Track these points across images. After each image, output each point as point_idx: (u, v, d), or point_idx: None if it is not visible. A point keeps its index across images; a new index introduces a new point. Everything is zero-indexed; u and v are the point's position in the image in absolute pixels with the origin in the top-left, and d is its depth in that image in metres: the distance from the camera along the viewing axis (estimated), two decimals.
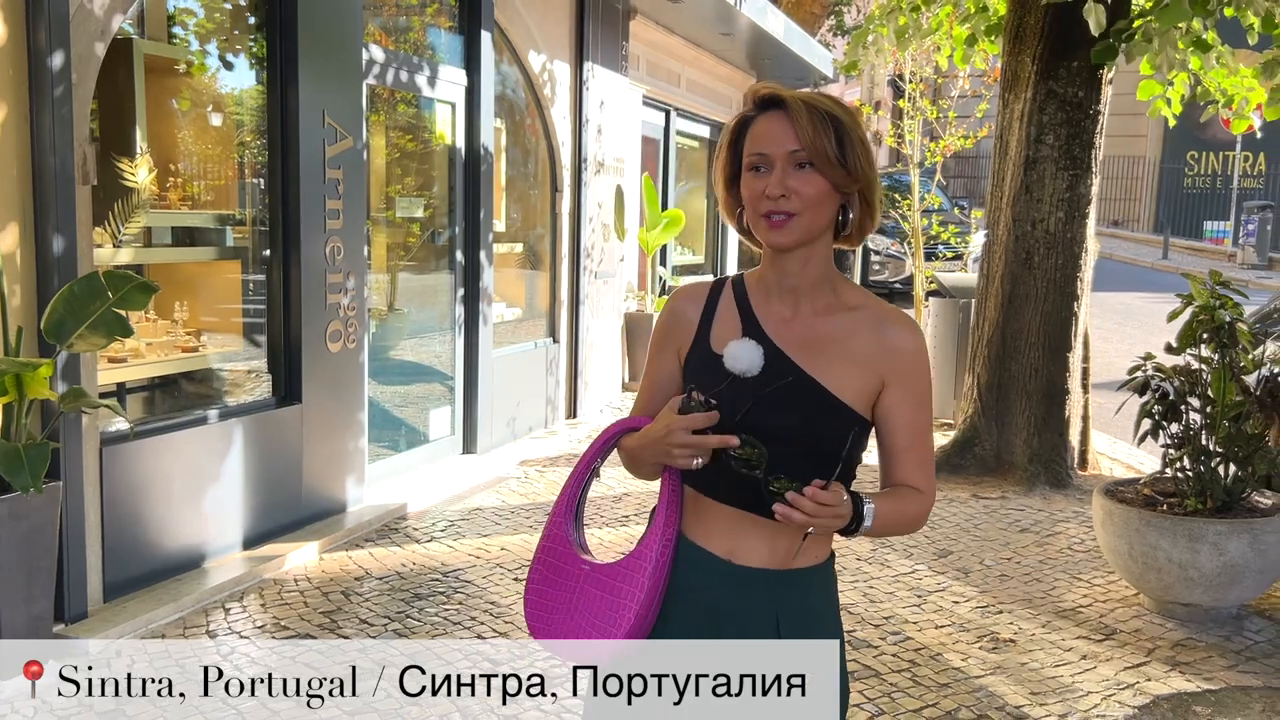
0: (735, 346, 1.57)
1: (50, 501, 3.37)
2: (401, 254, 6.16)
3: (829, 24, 19.00)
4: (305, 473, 4.88)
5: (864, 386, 1.59)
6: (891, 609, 4.26)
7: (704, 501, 1.63)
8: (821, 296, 1.63)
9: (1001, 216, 6.26)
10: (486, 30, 6.21)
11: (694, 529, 1.64)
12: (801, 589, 1.63)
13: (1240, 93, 6.53)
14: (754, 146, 1.57)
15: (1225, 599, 4.09)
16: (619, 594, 1.61)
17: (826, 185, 1.55)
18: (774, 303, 1.63)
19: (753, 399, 1.56)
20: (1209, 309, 4.10)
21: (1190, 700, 3.55)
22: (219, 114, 4.88)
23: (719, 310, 1.66)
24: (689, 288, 1.72)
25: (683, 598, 1.62)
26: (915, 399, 1.62)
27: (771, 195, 1.54)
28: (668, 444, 1.54)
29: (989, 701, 3.49)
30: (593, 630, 1.61)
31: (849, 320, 1.62)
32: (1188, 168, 22.65)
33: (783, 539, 1.59)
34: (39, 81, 3.54)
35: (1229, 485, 4.16)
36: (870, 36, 7.45)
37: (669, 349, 1.70)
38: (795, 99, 1.57)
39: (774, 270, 1.63)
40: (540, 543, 1.70)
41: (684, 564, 1.63)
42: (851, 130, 1.55)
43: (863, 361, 1.59)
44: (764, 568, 1.61)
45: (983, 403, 6.24)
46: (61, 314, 3.36)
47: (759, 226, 1.58)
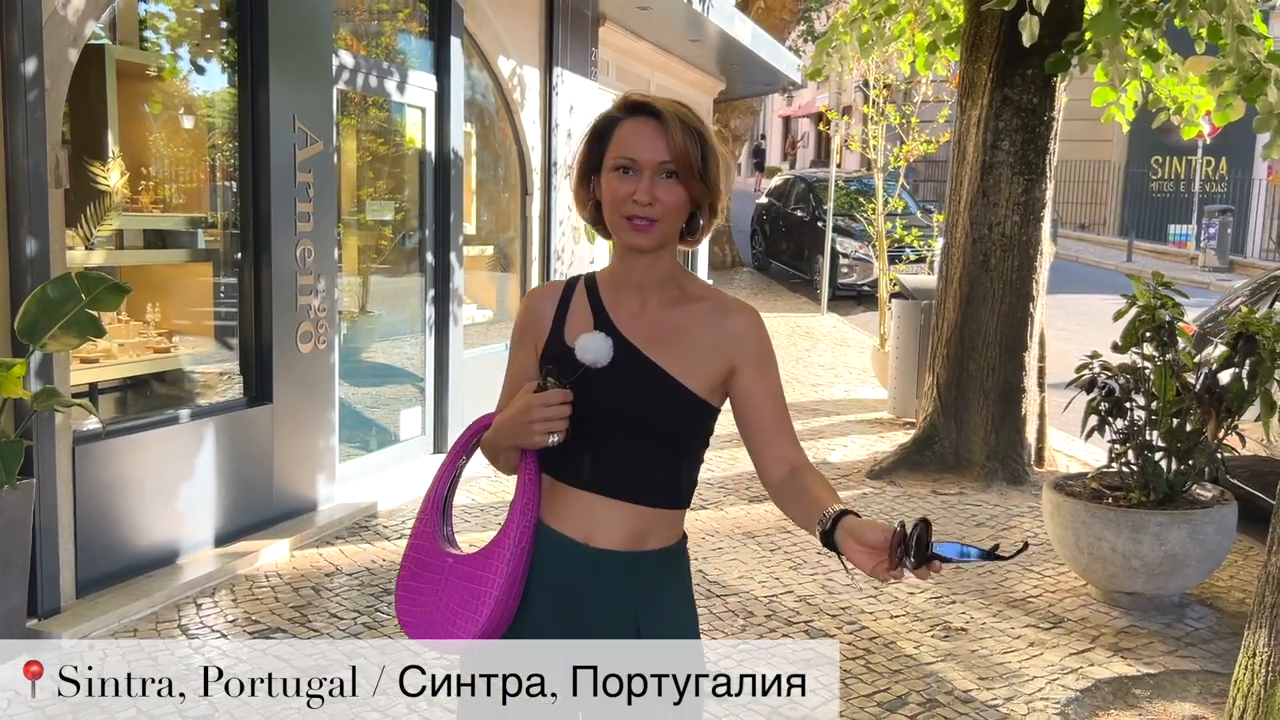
0: (586, 339, 1.65)
1: (24, 498, 3.44)
2: (372, 256, 6.24)
3: (799, 30, 19.22)
4: (276, 472, 4.95)
5: (710, 373, 1.68)
6: (849, 600, 4.40)
7: (560, 487, 1.70)
8: (668, 291, 1.72)
9: (959, 220, 6.42)
10: (456, 36, 6.31)
11: (552, 514, 1.71)
12: (654, 569, 1.71)
13: (1190, 100, 6.73)
14: (623, 149, 1.65)
15: (1167, 587, 4.26)
16: (481, 582, 1.67)
17: (686, 196, 1.65)
18: (623, 298, 1.72)
19: (609, 386, 1.64)
20: (1150, 309, 4.27)
21: (1130, 683, 3.70)
22: (190, 118, 4.95)
23: (572, 306, 1.74)
24: (543, 287, 1.82)
25: (543, 579, 1.69)
26: (767, 376, 1.71)
27: (640, 201, 1.62)
28: (526, 420, 1.60)
29: (938, 686, 3.63)
30: (457, 619, 1.68)
31: (693, 311, 1.71)
32: (1152, 172, 23.01)
33: (637, 520, 1.68)
34: (12, 87, 3.61)
35: (1171, 479, 4.32)
36: (834, 43, 7.62)
37: (526, 345, 1.78)
38: (669, 111, 1.65)
39: (625, 268, 1.72)
40: (409, 541, 1.78)
41: (543, 548, 1.70)
42: (713, 146, 1.66)
43: (708, 349, 1.68)
44: (618, 549, 1.68)
45: (942, 401, 6.40)
46: (35, 314, 3.44)
47: (620, 226, 1.66)
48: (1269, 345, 4.08)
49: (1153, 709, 3.53)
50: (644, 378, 1.66)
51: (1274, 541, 3.02)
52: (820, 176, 15.92)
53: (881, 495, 5.98)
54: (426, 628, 1.71)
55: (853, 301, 14.07)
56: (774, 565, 4.80)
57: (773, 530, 5.30)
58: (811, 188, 15.93)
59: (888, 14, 7.29)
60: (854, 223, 13.16)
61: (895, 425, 7.64)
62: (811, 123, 29.94)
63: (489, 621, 1.65)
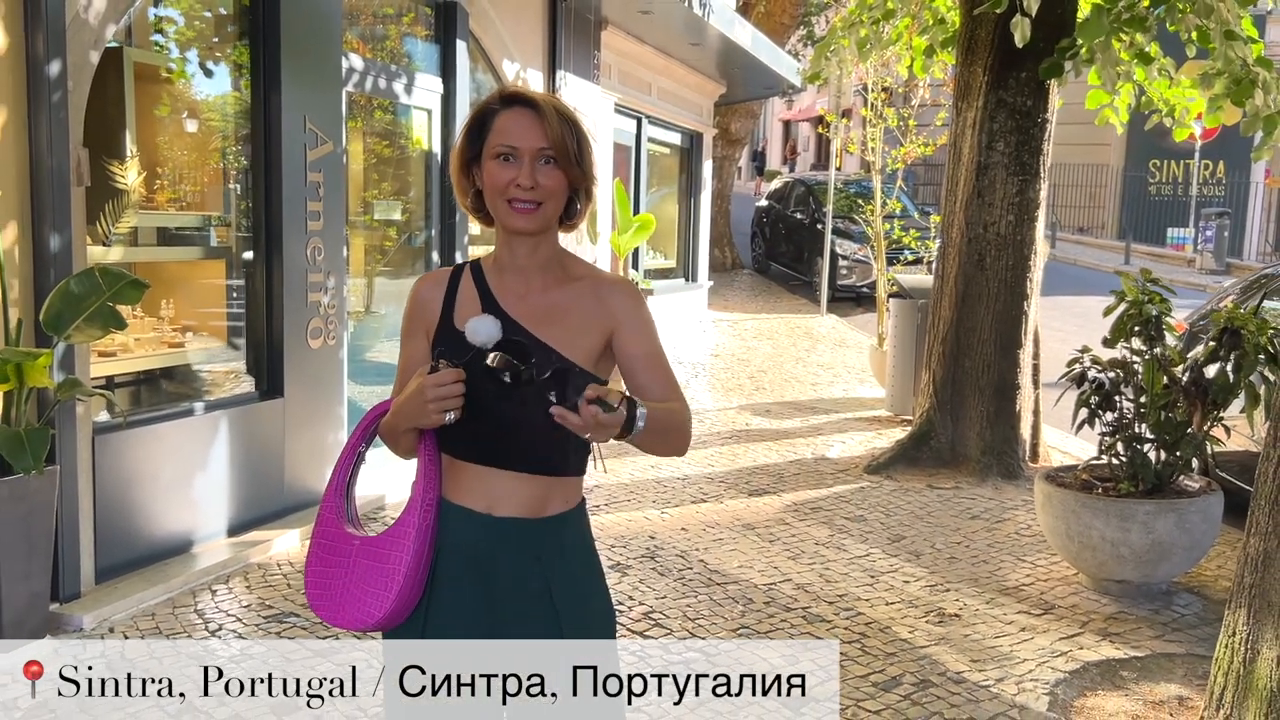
0: (475, 322, 1.72)
1: (49, 484, 3.56)
2: (379, 256, 6.37)
3: (799, 33, 19.36)
4: (287, 463, 5.08)
5: (592, 345, 1.77)
6: (846, 588, 4.52)
7: (460, 464, 1.78)
8: (551, 272, 1.81)
9: (955, 220, 6.55)
10: (461, 39, 6.44)
11: (453, 490, 1.78)
12: (556, 532, 1.79)
13: (1181, 103, 6.86)
14: (502, 139, 1.73)
15: (1155, 575, 4.37)
16: (388, 560, 1.73)
17: (564, 180, 1.75)
18: (509, 281, 1.80)
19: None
20: (1138, 304, 4.39)
21: (1118, 666, 3.82)
22: (204, 119, 5.08)
23: (460, 292, 1.81)
24: (430, 275, 1.89)
25: (450, 553, 1.76)
26: (642, 335, 1.79)
27: (523, 185, 1.72)
28: (422, 401, 1.66)
29: (931, 668, 3.75)
30: (368, 597, 1.73)
31: (574, 290, 1.80)
32: (1150, 176, 23.14)
33: (535, 487, 1.77)
34: (37, 88, 3.74)
35: (1159, 469, 4.44)
36: (833, 47, 7.75)
37: (418, 332, 1.84)
38: (545, 102, 1.75)
39: (508, 252, 1.80)
40: (315, 527, 1.84)
41: (448, 523, 1.77)
42: (584, 133, 1.77)
43: (589, 323, 1.78)
44: (520, 516, 1.76)
45: (938, 398, 6.52)
46: (59, 307, 3.57)
47: (503, 211, 1.75)
48: (1252, 339, 4.21)
49: (1139, 690, 3.64)
50: (531, 353, 1.72)
51: (1252, 525, 3.14)
52: (819, 179, 16.04)
53: (879, 490, 6.10)
54: (336, 610, 1.77)
55: (852, 303, 14.19)
56: (772, 555, 4.92)
57: (771, 523, 5.42)
58: (811, 190, 16.05)
59: (885, 18, 7.42)
60: (853, 225, 13.28)
61: (893, 422, 7.77)
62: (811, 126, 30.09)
63: (399, 599, 1.72)
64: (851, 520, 5.50)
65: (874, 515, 5.60)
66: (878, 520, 5.51)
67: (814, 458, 6.84)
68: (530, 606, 1.77)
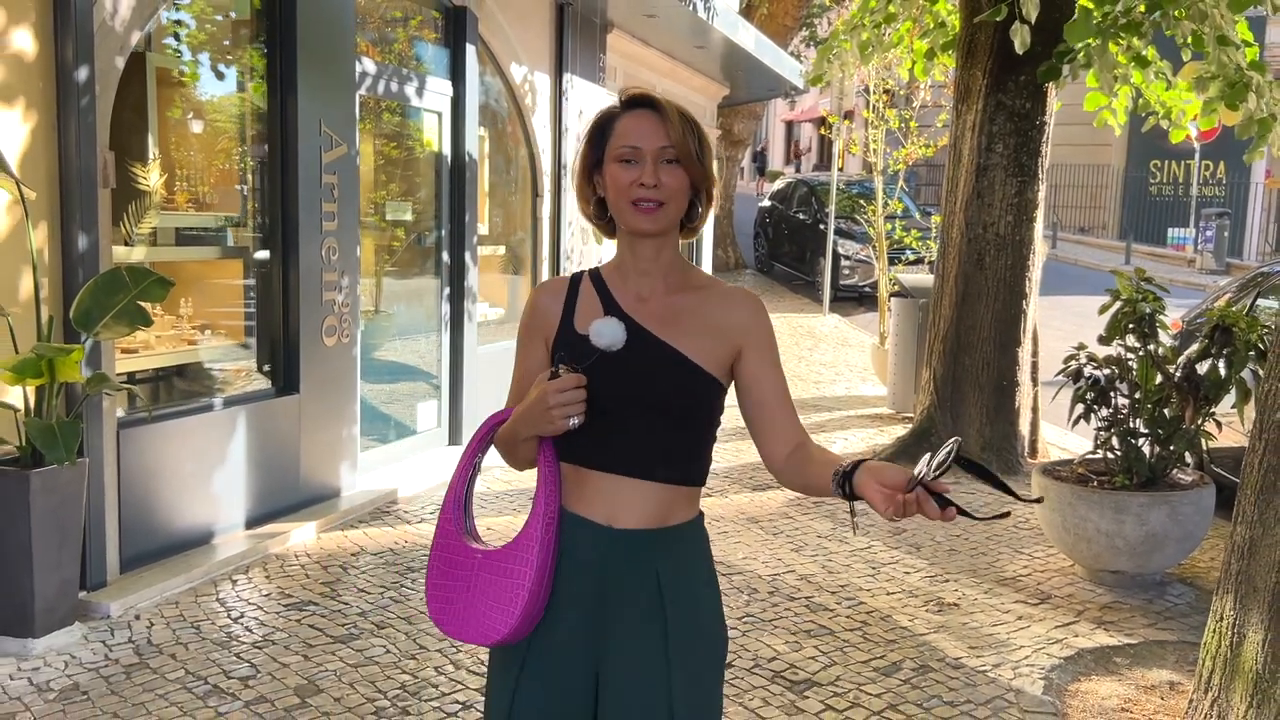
0: (599, 324, 1.71)
1: (78, 476, 3.69)
2: (390, 256, 6.49)
3: (802, 35, 19.49)
4: (303, 458, 5.20)
5: (717, 352, 1.75)
6: (848, 578, 4.64)
7: (582, 473, 1.74)
8: (673, 278, 1.79)
9: (955, 220, 6.67)
10: (471, 43, 6.57)
11: (574, 501, 1.75)
12: (676, 544, 1.77)
13: (1178, 105, 6.98)
14: (624, 140, 1.73)
15: (1149, 566, 4.49)
16: (511, 575, 1.71)
17: (687, 180, 1.74)
18: (631, 285, 1.78)
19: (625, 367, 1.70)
20: (1133, 302, 4.51)
21: (1111, 652, 3.94)
22: (222, 123, 5.20)
23: (580, 299, 1.80)
24: (548, 283, 1.86)
25: (571, 566, 1.73)
26: (771, 359, 1.79)
27: (646, 184, 1.71)
28: (544, 407, 1.64)
29: (931, 654, 3.87)
30: (491, 610, 1.71)
31: (698, 297, 1.79)
32: (1151, 176, 23.24)
33: (657, 498, 1.74)
34: (66, 93, 3.87)
35: (1153, 463, 4.56)
36: (835, 50, 7.87)
37: (535, 341, 1.82)
38: (666, 103, 1.74)
39: (631, 257, 1.79)
40: (434, 539, 1.82)
41: (569, 535, 1.73)
42: (705, 135, 1.78)
43: (716, 332, 1.75)
44: (642, 528, 1.73)
45: (939, 395, 6.65)
46: (88, 305, 3.69)
47: (626, 213, 1.74)
48: (1243, 336, 4.33)
49: (1132, 675, 3.76)
50: (658, 358, 1.72)
51: (1239, 514, 3.26)
52: (822, 180, 16.16)
53: None
54: (461, 626, 1.75)
55: (854, 302, 14.31)
56: (776, 548, 5.04)
57: (775, 516, 5.54)
58: (813, 191, 16.18)
59: (887, 22, 7.54)
60: (855, 225, 13.40)
61: (894, 420, 7.89)
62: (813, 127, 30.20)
63: (524, 614, 1.70)
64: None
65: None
66: (878, 514, 5.62)
67: None
68: (641, 622, 1.73)
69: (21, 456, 3.62)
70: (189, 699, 3.35)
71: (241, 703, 3.34)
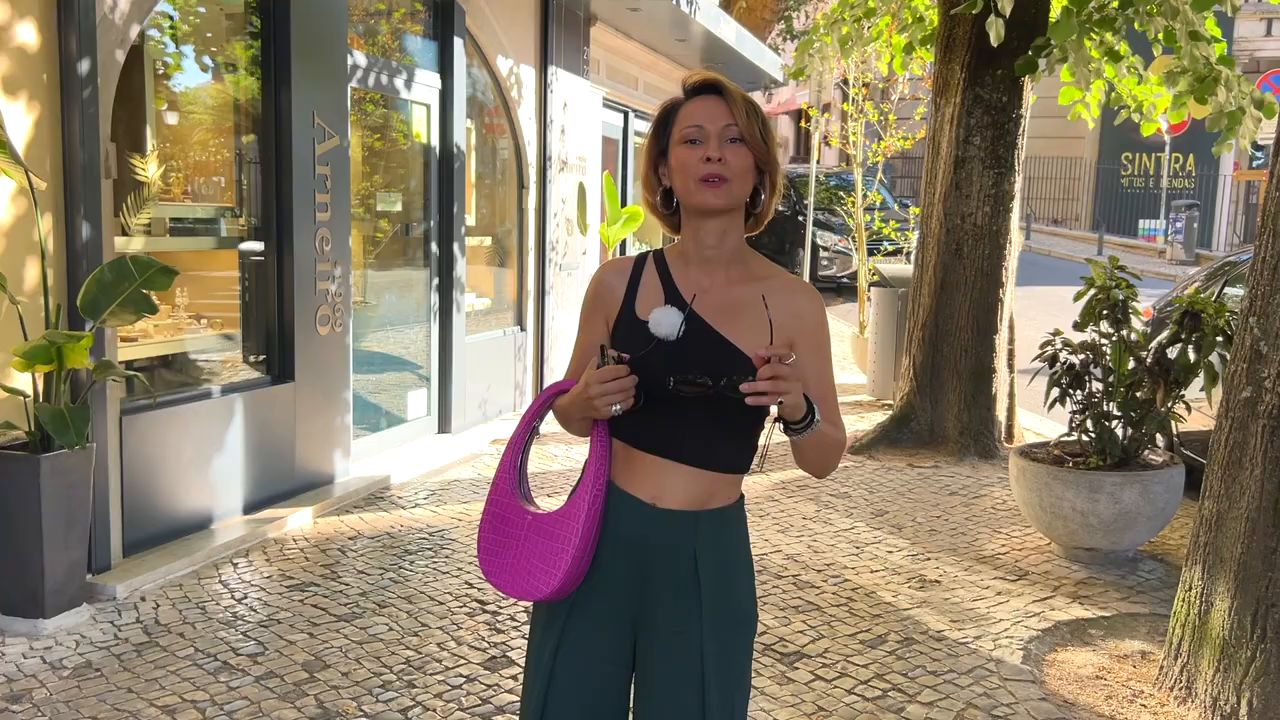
0: (659, 313, 1.74)
1: (86, 460, 3.78)
2: (380, 246, 6.58)
3: (779, 29, 19.61)
4: (298, 445, 5.30)
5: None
6: (833, 558, 4.79)
7: (632, 453, 1.80)
8: (735, 268, 1.82)
9: (934, 211, 6.83)
10: (459, 36, 6.66)
11: (622, 477, 1.81)
12: (716, 526, 1.82)
13: (1149, 99, 7.17)
14: (690, 121, 1.78)
15: (1122, 543, 4.67)
16: (557, 538, 1.79)
17: (752, 160, 1.78)
18: (693, 273, 1.82)
19: (678, 358, 1.74)
20: (1106, 289, 4.68)
21: (1086, 624, 4.11)
22: (218, 115, 5.28)
23: (643, 281, 1.84)
24: (614, 262, 1.90)
25: (614, 538, 1.81)
26: (821, 355, 1.83)
27: (712, 158, 1.75)
28: (588, 396, 1.70)
29: (914, 627, 4.02)
30: (537, 569, 1.80)
31: (759, 289, 1.80)
32: (1123, 168, 23.59)
33: (702, 483, 1.80)
34: (69, 86, 3.94)
35: (1125, 444, 4.73)
36: (815, 44, 8.02)
37: (598, 317, 1.87)
38: (730, 86, 1.80)
39: (694, 243, 1.82)
40: (490, 494, 1.89)
41: (614, 508, 1.80)
42: (768, 121, 1.82)
43: (773, 324, 1.77)
44: (684, 509, 1.79)
45: (918, 382, 6.81)
46: (95, 293, 3.77)
47: (693, 191, 1.77)
48: (1211, 322, 4.50)
49: (1105, 645, 3.93)
50: (713, 350, 1.74)
51: (1206, 489, 3.43)
52: (801, 172, 16.31)
53: (862, 469, 6.38)
54: (508, 580, 1.83)
55: (833, 293, 14.49)
56: (763, 529, 5.18)
57: (761, 499, 5.69)
58: (792, 183, 16.32)
59: (866, 16, 7.69)
60: (834, 217, 13.57)
61: (875, 406, 8.05)
62: (791, 119, 30.36)
63: (566, 576, 1.77)
64: (837, 497, 5.78)
65: (858, 492, 5.88)
66: (861, 497, 5.79)
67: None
68: (678, 592, 1.81)
69: (31, 441, 3.70)
70: (200, 674, 3.46)
71: (252, 678, 3.44)
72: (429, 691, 3.40)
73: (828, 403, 1.81)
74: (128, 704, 3.25)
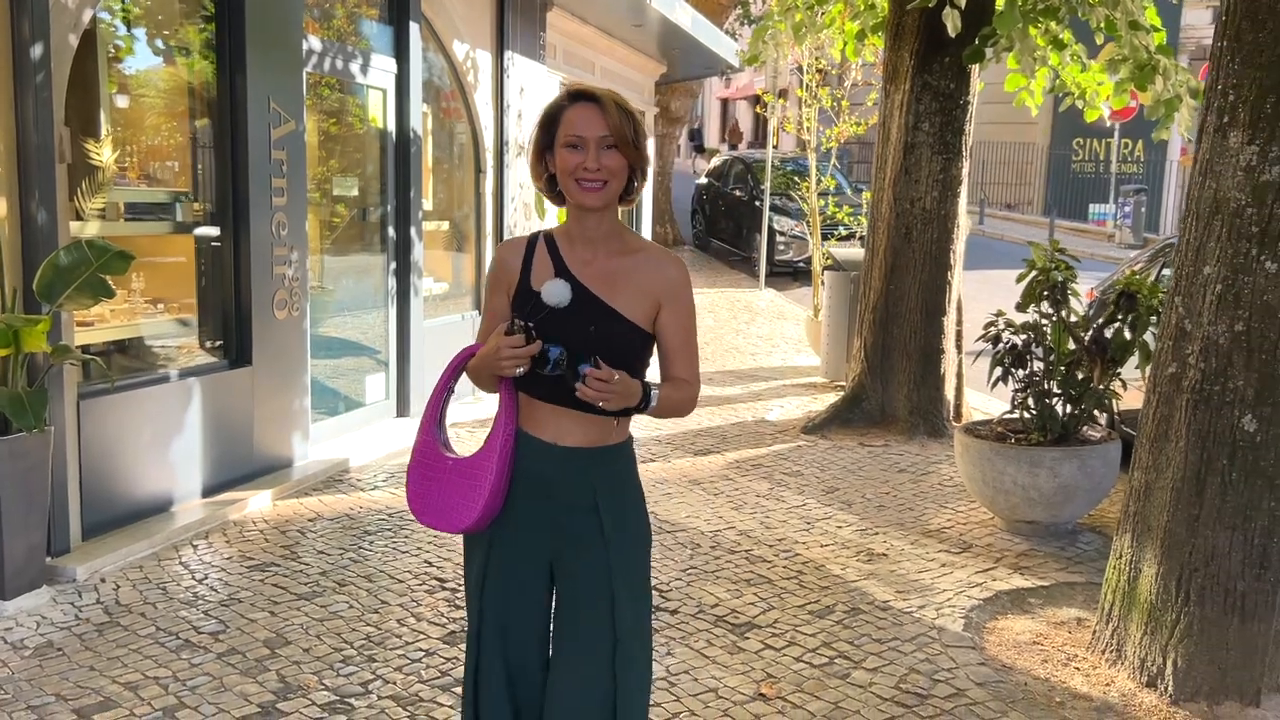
0: (550, 285, 2.09)
1: (44, 443, 3.80)
2: (337, 231, 6.60)
3: (736, 14, 19.70)
4: (256, 428, 5.33)
5: (646, 307, 2.16)
6: (784, 533, 4.92)
7: (534, 402, 2.16)
8: (613, 244, 2.19)
9: (884, 196, 6.97)
10: (414, 21, 6.68)
11: (528, 423, 2.17)
12: (609, 460, 2.19)
13: (1091, 86, 7.35)
14: (571, 129, 2.10)
15: (1061, 516, 4.85)
16: (476, 477, 2.14)
17: (624, 162, 2.11)
18: (577, 250, 2.18)
19: (566, 320, 2.10)
20: (1046, 271, 4.84)
21: (1026, 594, 4.28)
22: (173, 99, 5.27)
23: (535, 257, 2.19)
24: (510, 241, 2.26)
25: (524, 474, 2.16)
26: (683, 313, 2.20)
27: (590, 168, 2.08)
28: (497, 358, 2.04)
29: (861, 598, 4.17)
30: (459, 505, 2.15)
31: (633, 260, 2.18)
32: (1074, 154, 23.97)
33: (594, 425, 2.15)
34: (22, 70, 3.94)
35: (1065, 421, 4.91)
36: (770, 30, 8.11)
37: (500, 289, 2.22)
38: (606, 96, 2.11)
39: (578, 226, 2.17)
40: (415, 445, 2.25)
41: (523, 449, 2.16)
42: (639, 123, 2.14)
43: (645, 289, 2.16)
44: (581, 446, 2.15)
45: (869, 363, 6.96)
46: (51, 278, 3.79)
47: (574, 190, 2.11)
48: (1145, 302, 4.67)
49: (1044, 613, 4.10)
50: (597, 314, 2.12)
51: (1136, 461, 3.59)
52: (757, 157, 16.45)
53: (814, 448, 6.52)
54: (435, 517, 2.20)
55: (789, 277, 14.65)
56: (718, 506, 5.31)
57: (716, 478, 5.81)
58: (749, 168, 16.45)
59: (819, 3, 7.80)
60: (790, 202, 13.71)
61: (828, 388, 8.21)
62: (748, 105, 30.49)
63: (484, 509, 2.14)
64: (789, 475, 5.91)
65: (810, 470, 6.02)
66: (813, 475, 5.93)
67: (754, 420, 7.26)
68: (582, 517, 2.17)
69: None
70: (162, 652, 3.51)
71: (214, 655, 3.50)
72: (389, 665, 3.48)
73: (686, 352, 2.22)
74: (90, 681, 3.30)
